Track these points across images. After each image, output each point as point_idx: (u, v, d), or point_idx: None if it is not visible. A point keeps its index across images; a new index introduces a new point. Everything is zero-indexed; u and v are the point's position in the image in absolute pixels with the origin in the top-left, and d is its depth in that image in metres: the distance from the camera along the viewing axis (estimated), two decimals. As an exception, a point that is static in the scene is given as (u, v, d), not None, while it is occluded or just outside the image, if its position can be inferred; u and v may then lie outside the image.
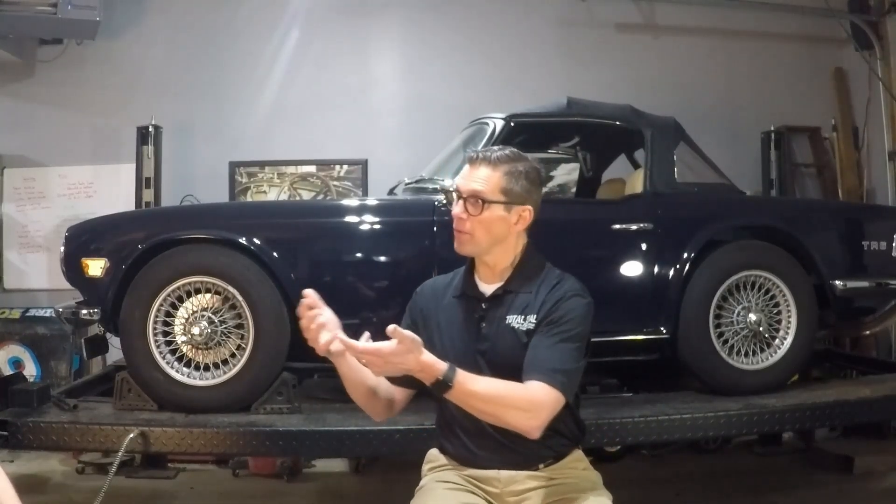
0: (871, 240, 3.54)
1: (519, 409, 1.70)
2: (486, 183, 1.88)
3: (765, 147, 5.37)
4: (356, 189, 5.36)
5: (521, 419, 1.71)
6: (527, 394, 1.72)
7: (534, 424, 1.71)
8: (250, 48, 5.35)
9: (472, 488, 1.89)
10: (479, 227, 1.88)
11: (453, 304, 1.96)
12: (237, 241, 3.02)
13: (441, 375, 1.66)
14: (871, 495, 3.97)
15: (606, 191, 3.82)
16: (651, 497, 3.90)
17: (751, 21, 5.57)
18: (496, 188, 1.88)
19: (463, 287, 1.96)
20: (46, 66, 5.29)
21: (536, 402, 1.71)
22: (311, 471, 4.51)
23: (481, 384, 1.71)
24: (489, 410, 1.71)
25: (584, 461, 1.96)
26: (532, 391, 1.72)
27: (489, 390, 1.71)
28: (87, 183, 5.28)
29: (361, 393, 1.88)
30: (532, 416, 1.71)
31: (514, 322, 1.86)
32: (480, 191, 1.88)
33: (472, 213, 1.88)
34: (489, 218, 1.88)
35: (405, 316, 2.02)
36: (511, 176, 1.90)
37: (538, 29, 5.49)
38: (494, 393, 1.70)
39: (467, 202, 1.89)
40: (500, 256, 1.93)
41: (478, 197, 1.87)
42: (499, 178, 1.89)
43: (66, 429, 2.87)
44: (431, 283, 2.06)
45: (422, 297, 2.02)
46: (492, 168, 1.90)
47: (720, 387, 3.23)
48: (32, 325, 4.81)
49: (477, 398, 1.69)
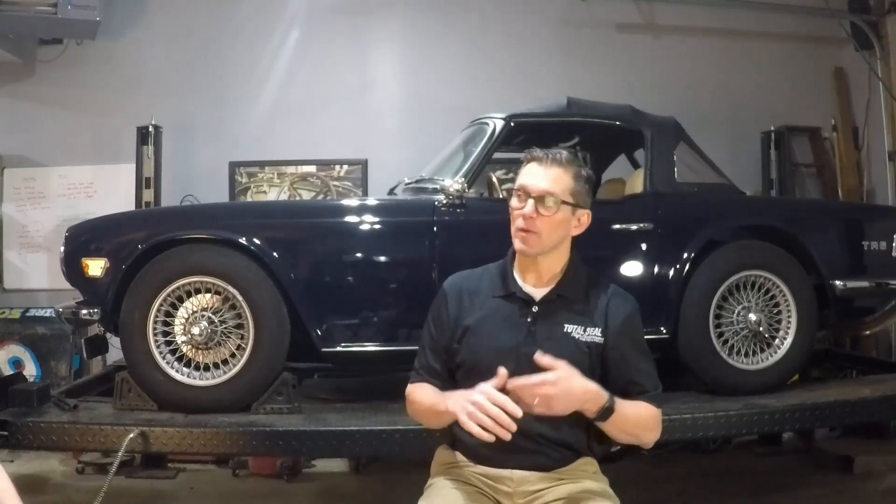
0: (871, 240, 3.53)
1: (652, 431, 1.86)
2: (558, 184, 1.88)
3: (765, 147, 5.37)
4: (356, 189, 5.36)
5: (651, 438, 1.86)
6: (652, 414, 1.85)
7: (655, 439, 1.88)
8: (250, 48, 5.35)
9: (483, 488, 1.89)
10: (548, 226, 1.87)
11: (494, 303, 1.93)
12: (237, 241, 3.01)
13: (606, 402, 1.74)
14: (871, 495, 3.96)
15: (606, 191, 3.81)
16: (651, 497, 3.89)
17: (751, 21, 5.57)
18: (567, 190, 1.88)
19: (506, 287, 1.94)
20: (46, 66, 5.29)
21: (658, 420, 1.87)
22: (311, 471, 4.51)
23: (629, 409, 1.79)
24: (632, 432, 1.82)
25: (594, 465, 1.96)
26: (653, 412, 1.85)
27: (637, 414, 1.82)
28: (87, 183, 5.29)
29: (433, 424, 1.95)
30: (657, 434, 1.87)
31: (574, 332, 1.88)
32: (555, 191, 1.87)
33: (543, 214, 1.86)
34: (559, 219, 1.88)
35: (435, 315, 1.98)
36: (578, 179, 1.91)
37: (538, 29, 5.49)
38: (636, 417, 1.82)
39: (538, 202, 1.87)
40: (553, 260, 1.93)
41: (554, 197, 1.86)
42: (569, 180, 1.89)
43: (66, 429, 2.87)
44: (458, 280, 2.01)
45: (450, 295, 1.97)
46: (563, 170, 1.90)
47: (720, 387, 3.23)
48: (32, 325, 4.82)
49: (629, 423, 1.80)
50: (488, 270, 2.00)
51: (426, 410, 1.90)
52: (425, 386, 1.93)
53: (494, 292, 1.94)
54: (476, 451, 1.90)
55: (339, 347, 3.07)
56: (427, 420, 1.95)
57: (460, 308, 1.94)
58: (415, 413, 1.96)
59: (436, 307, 1.99)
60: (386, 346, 3.08)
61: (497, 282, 1.96)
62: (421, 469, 2.07)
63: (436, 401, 1.85)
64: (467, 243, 3.12)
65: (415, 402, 1.94)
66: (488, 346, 1.85)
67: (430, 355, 1.95)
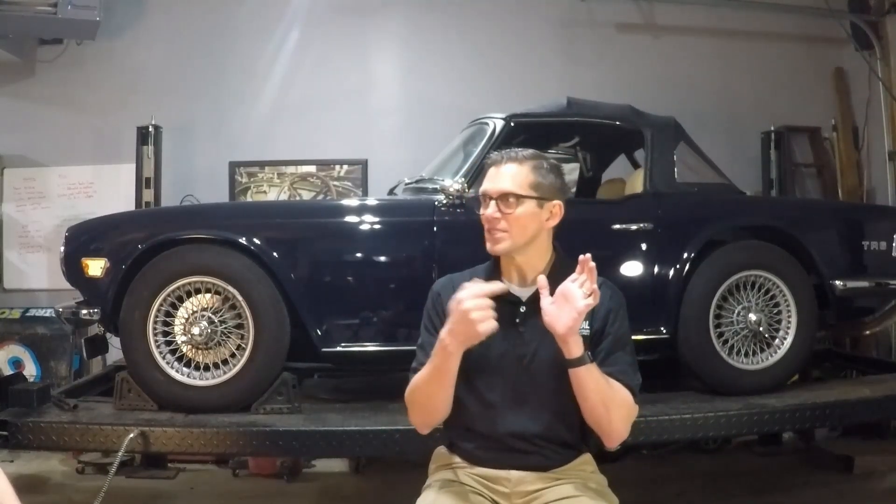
0: (871, 240, 3.53)
1: (624, 410, 1.79)
2: (514, 179, 1.86)
3: (765, 147, 5.37)
4: (356, 189, 5.36)
5: (622, 422, 1.79)
6: (625, 395, 1.80)
7: (625, 431, 1.81)
8: (250, 48, 5.36)
9: (480, 489, 1.89)
10: (514, 224, 1.84)
11: None
12: (237, 241, 3.01)
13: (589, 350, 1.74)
14: (871, 495, 3.96)
15: (606, 191, 3.82)
16: (652, 497, 3.89)
17: (751, 21, 5.57)
18: (525, 184, 1.86)
19: None
20: (46, 66, 5.29)
21: (631, 409, 1.82)
22: (311, 471, 4.51)
23: (605, 378, 1.77)
24: (604, 399, 1.75)
25: (592, 464, 1.96)
26: (628, 395, 1.81)
27: (611, 386, 1.77)
28: (87, 183, 5.29)
29: (446, 396, 1.82)
30: (628, 424, 1.82)
31: None
32: (511, 189, 1.85)
33: (505, 211, 1.84)
34: (523, 214, 1.85)
35: (431, 317, 1.93)
36: (538, 170, 1.88)
37: (538, 29, 5.49)
38: (609, 387, 1.76)
39: (499, 202, 1.85)
40: (534, 256, 1.90)
41: (510, 194, 1.84)
42: (527, 174, 1.87)
43: (66, 429, 2.87)
44: (448, 282, 1.97)
45: (443, 295, 1.92)
46: (518, 164, 1.88)
47: (720, 387, 3.23)
48: (32, 325, 4.83)
49: (601, 385, 1.74)
50: (476, 273, 1.97)
51: (427, 383, 1.81)
52: (416, 376, 1.87)
53: None
54: (473, 453, 1.90)
55: (339, 347, 3.07)
56: (429, 397, 1.84)
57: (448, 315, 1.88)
58: (418, 405, 1.88)
59: (429, 309, 1.96)
60: (386, 346, 3.08)
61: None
62: (421, 469, 2.07)
63: (432, 365, 1.78)
64: (467, 243, 3.08)
65: (413, 392, 1.87)
66: (479, 353, 1.81)
67: (429, 353, 1.89)
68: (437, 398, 1.83)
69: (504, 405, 1.85)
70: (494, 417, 1.85)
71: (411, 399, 1.90)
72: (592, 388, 1.74)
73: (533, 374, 1.81)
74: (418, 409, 1.89)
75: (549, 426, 1.85)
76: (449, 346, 1.73)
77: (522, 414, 1.84)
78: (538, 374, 1.81)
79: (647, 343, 3.22)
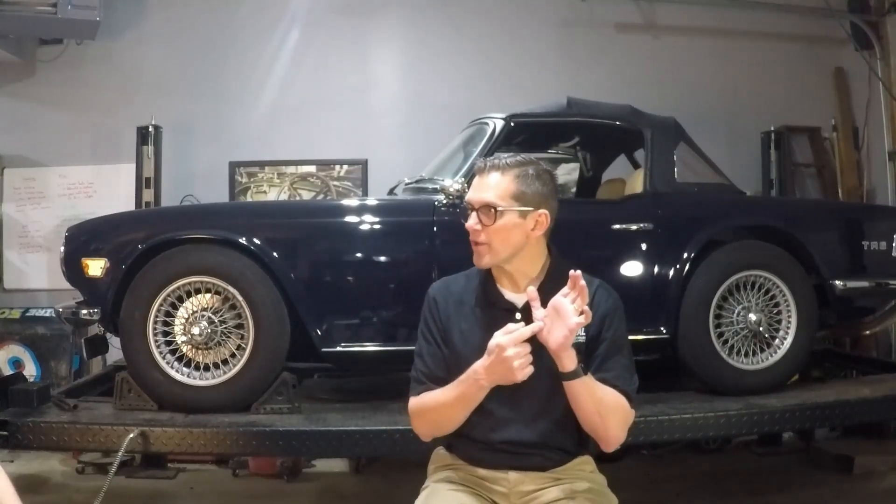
0: (871, 240, 3.53)
1: (620, 416, 1.78)
2: (496, 190, 1.82)
3: (765, 147, 5.37)
4: (356, 189, 5.36)
5: (618, 428, 1.78)
6: (620, 401, 1.78)
7: (621, 436, 1.79)
8: (250, 48, 5.36)
9: (479, 489, 1.89)
10: (495, 237, 1.82)
11: (476, 312, 1.88)
12: (237, 241, 3.01)
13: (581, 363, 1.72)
14: (871, 495, 3.96)
15: (606, 191, 3.82)
16: (651, 497, 3.90)
17: (751, 21, 5.57)
18: (507, 194, 1.82)
19: (487, 296, 1.88)
20: (46, 66, 5.29)
21: (627, 413, 1.80)
22: (311, 471, 4.51)
23: (600, 385, 1.76)
24: (600, 407, 1.74)
25: (591, 464, 1.95)
26: (623, 401, 1.79)
27: (605, 394, 1.76)
28: (87, 183, 5.29)
29: (464, 418, 1.83)
30: (624, 429, 1.80)
31: None
32: (491, 200, 1.82)
33: (485, 224, 1.81)
34: (504, 226, 1.81)
35: (428, 323, 1.91)
36: (522, 180, 1.83)
37: (538, 29, 5.49)
38: (604, 394, 1.75)
39: (480, 213, 1.83)
40: (523, 265, 1.87)
41: (489, 206, 1.81)
42: (509, 184, 1.83)
43: (66, 429, 2.87)
44: (444, 287, 1.95)
45: (439, 301, 1.92)
46: (501, 173, 1.84)
47: (720, 387, 3.23)
48: (32, 325, 4.82)
49: (595, 394, 1.74)
50: (470, 278, 1.95)
51: (450, 406, 1.80)
52: (434, 391, 1.85)
53: (478, 303, 1.90)
54: (472, 454, 1.90)
55: (339, 347, 3.07)
56: (449, 418, 1.83)
57: (448, 315, 1.90)
58: (430, 421, 1.86)
59: (426, 314, 1.94)
60: (386, 346, 3.08)
61: (479, 292, 1.91)
62: (420, 469, 2.07)
63: (459, 391, 1.77)
64: (467, 243, 3.11)
65: (429, 408, 1.84)
66: (475, 360, 1.77)
67: (431, 361, 1.88)
68: (457, 420, 1.84)
69: (501, 413, 1.84)
70: (492, 425, 1.84)
71: (422, 414, 1.88)
72: (587, 398, 1.74)
73: (529, 382, 1.77)
74: (430, 424, 1.88)
75: (547, 433, 1.84)
76: (483, 380, 1.74)
77: (520, 421, 1.84)
78: (535, 381, 1.77)
79: (647, 343, 3.22)
